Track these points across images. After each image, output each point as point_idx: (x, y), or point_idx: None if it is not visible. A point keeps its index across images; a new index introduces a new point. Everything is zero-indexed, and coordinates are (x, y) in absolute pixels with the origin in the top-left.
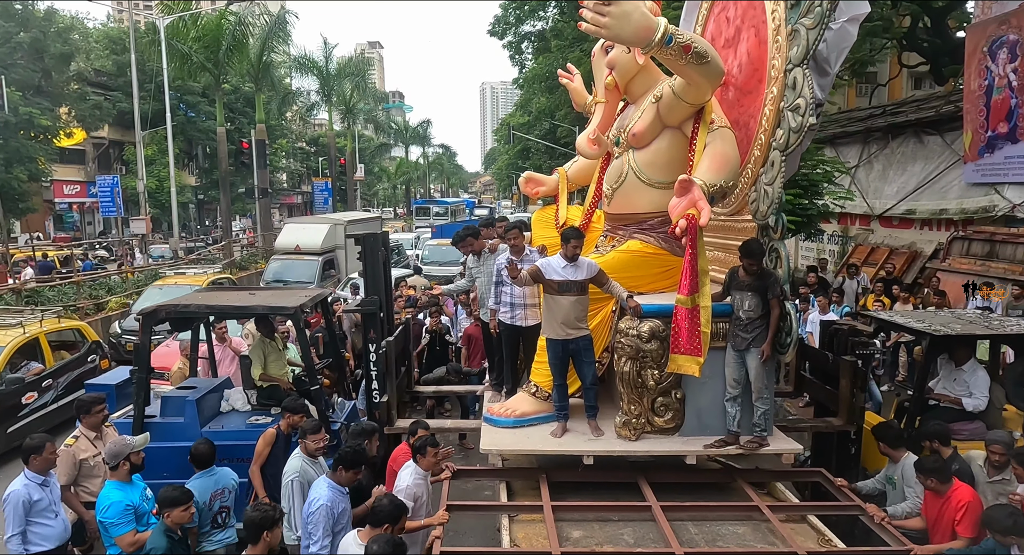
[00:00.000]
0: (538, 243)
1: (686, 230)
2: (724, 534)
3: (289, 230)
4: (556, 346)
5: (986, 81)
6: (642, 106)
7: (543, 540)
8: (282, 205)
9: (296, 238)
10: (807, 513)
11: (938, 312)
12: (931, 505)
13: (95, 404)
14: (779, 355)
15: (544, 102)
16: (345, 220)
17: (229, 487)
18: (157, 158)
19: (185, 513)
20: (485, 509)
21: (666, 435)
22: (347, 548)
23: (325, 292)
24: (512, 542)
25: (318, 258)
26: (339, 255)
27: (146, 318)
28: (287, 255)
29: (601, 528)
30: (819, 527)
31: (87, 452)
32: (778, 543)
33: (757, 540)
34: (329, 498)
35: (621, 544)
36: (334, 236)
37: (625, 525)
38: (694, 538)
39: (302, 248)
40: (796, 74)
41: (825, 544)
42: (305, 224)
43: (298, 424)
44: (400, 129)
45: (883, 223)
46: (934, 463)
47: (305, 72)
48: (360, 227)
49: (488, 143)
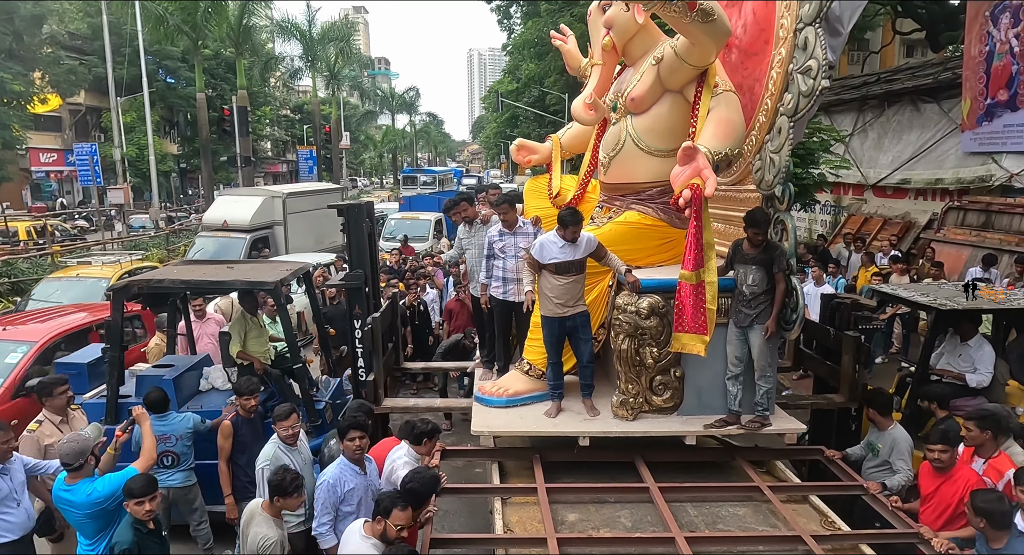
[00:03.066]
0: (531, 214)
1: (690, 201)
2: (724, 516)
3: (219, 203)
4: (552, 324)
5: (987, 47)
6: (641, 69)
7: (537, 524)
8: (267, 174)
9: (224, 213)
10: (809, 493)
11: (942, 285)
12: (929, 481)
13: (57, 386)
14: (784, 332)
15: (533, 68)
16: (284, 192)
17: (178, 434)
18: (137, 125)
19: (152, 504)
20: (477, 492)
21: (664, 415)
22: (351, 540)
23: (308, 264)
24: (505, 526)
25: (245, 236)
26: (276, 233)
27: (116, 294)
28: (214, 232)
29: (597, 511)
30: (822, 508)
31: (52, 437)
32: (780, 525)
33: (758, 522)
34: (333, 476)
35: (618, 528)
36: (270, 211)
37: (622, 507)
38: (693, 520)
39: (230, 224)
40: (807, 34)
41: (828, 526)
42: (237, 196)
43: (253, 407)
44: (386, 96)
45: (877, 193)
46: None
47: (288, 36)
48: (309, 200)
49: (476, 111)
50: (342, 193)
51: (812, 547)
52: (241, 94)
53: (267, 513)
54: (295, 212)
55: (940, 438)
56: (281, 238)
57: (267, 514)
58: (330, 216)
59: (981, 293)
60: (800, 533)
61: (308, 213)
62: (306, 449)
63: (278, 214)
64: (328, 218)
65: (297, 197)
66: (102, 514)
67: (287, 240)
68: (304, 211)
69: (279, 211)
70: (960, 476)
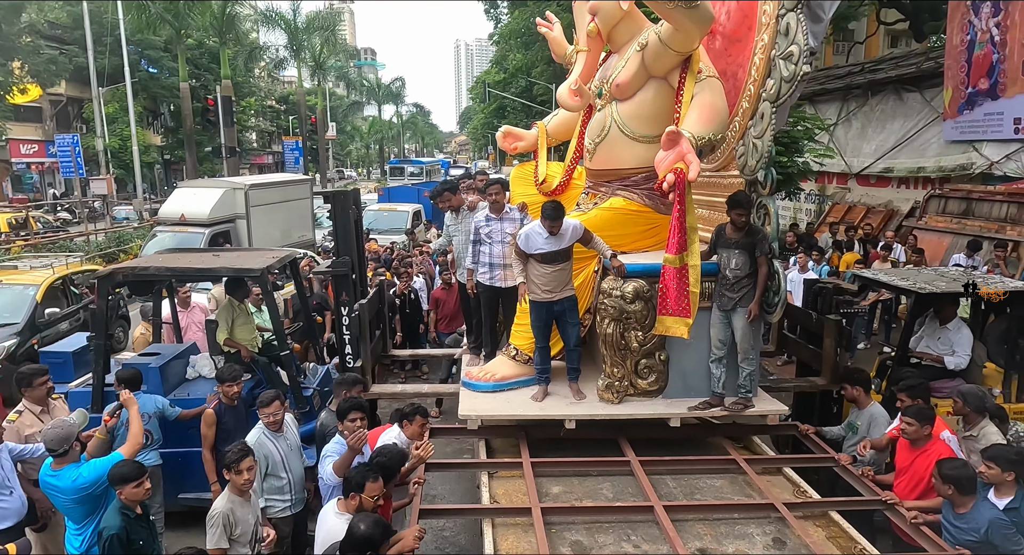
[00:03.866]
0: (517, 201)
1: (674, 185)
2: (702, 487)
3: (176, 196)
4: (540, 308)
5: (968, 36)
6: (626, 55)
7: (522, 496)
8: (253, 165)
9: (182, 205)
10: (783, 466)
11: (921, 270)
12: (905, 455)
13: (36, 376)
14: (767, 315)
15: (520, 59)
16: (247, 184)
17: (150, 412)
18: (119, 116)
19: (139, 489)
20: (464, 467)
21: (649, 397)
22: (326, 518)
23: (295, 252)
24: (492, 498)
25: (204, 231)
26: (239, 227)
27: (102, 281)
28: (171, 227)
29: (580, 483)
30: (794, 479)
31: (32, 427)
32: (755, 495)
33: (734, 492)
34: (337, 452)
35: (600, 499)
36: (231, 203)
37: (605, 480)
38: (672, 491)
39: (188, 217)
40: (789, 20)
41: (800, 495)
42: (196, 189)
43: (236, 394)
44: (372, 87)
45: (860, 181)
46: (927, 412)
47: (272, 26)
48: (274, 192)
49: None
50: (311, 185)
51: (784, 514)
52: (225, 84)
53: (228, 490)
54: (259, 205)
55: (915, 413)
56: (244, 232)
57: (228, 491)
58: (298, 209)
59: (981, 292)
60: (773, 501)
61: (274, 206)
62: (293, 435)
63: (240, 207)
64: (295, 211)
65: (261, 189)
66: (88, 499)
67: (250, 234)
68: (269, 204)
69: (241, 204)
70: (934, 450)
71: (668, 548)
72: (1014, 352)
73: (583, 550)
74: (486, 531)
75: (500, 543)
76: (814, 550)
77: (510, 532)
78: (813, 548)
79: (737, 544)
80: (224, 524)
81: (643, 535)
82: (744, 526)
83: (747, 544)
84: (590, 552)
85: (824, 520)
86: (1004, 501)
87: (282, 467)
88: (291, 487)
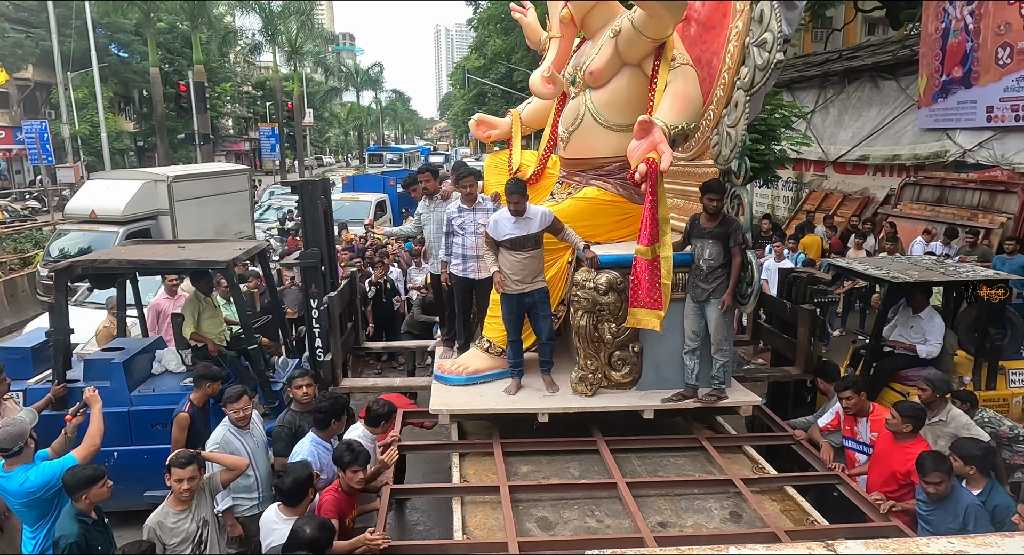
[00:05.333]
0: (491, 190)
1: (646, 175)
2: (665, 465)
3: (87, 189)
4: (511, 300)
5: (943, 24)
6: (599, 42)
7: (492, 475)
8: (229, 152)
9: (93, 200)
10: (743, 444)
11: (895, 259)
12: (886, 442)
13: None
14: (740, 306)
15: (500, 44)
16: (170, 176)
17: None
18: (89, 101)
19: (103, 489)
20: (436, 448)
21: (623, 389)
22: (268, 523)
23: (263, 243)
24: (462, 477)
25: (118, 229)
26: (162, 224)
27: (59, 275)
28: (80, 224)
29: (549, 463)
30: (753, 456)
31: None
32: (715, 471)
33: (696, 470)
34: (310, 453)
35: (567, 477)
36: (151, 198)
37: (572, 459)
38: (636, 469)
39: (99, 214)
40: (763, 7)
41: (758, 471)
42: (110, 181)
43: (212, 394)
44: (351, 72)
45: (837, 169)
46: (915, 409)
47: (247, 10)
48: (204, 184)
49: (443, 88)
50: (249, 175)
51: (741, 489)
52: (198, 69)
53: (167, 500)
54: (186, 199)
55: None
56: (168, 231)
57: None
58: (233, 202)
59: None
60: (731, 477)
61: (204, 200)
62: (260, 431)
63: (163, 202)
64: (230, 204)
65: (188, 181)
66: (37, 503)
67: (175, 233)
68: (198, 197)
69: (164, 198)
70: (918, 449)
71: (630, 522)
72: (984, 340)
73: (548, 525)
74: (455, 509)
75: (469, 520)
76: (768, 523)
77: (479, 509)
78: (767, 521)
79: (696, 518)
80: (152, 539)
81: (606, 511)
82: (703, 501)
83: (705, 518)
84: (555, 527)
85: (779, 494)
86: (974, 493)
87: (250, 465)
88: (258, 485)
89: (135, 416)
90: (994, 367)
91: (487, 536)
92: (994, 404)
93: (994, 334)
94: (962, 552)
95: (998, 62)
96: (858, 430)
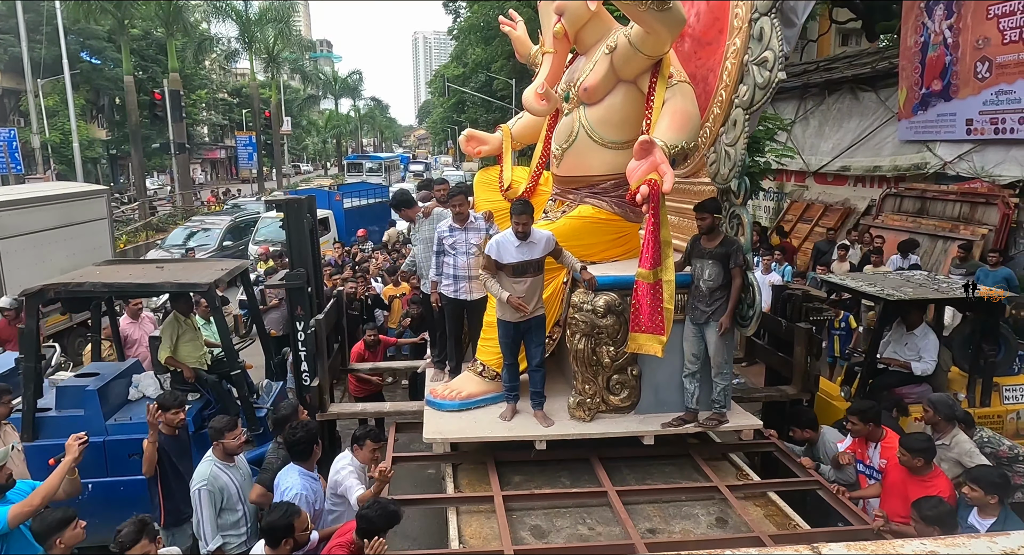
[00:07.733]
0: (482, 208)
1: (647, 197)
2: (653, 473)
3: None
4: (508, 326)
5: (922, 38)
6: (594, 57)
7: (486, 486)
8: (205, 160)
9: None
10: (728, 452)
11: (887, 275)
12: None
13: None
14: (741, 329)
15: (480, 53)
16: None
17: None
18: (60, 109)
19: (76, 532)
20: (428, 459)
21: (622, 414)
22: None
23: (244, 264)
24: (456, 488)
25: None
26: None
27: (30, 298)
28: None
29: (541, 472)
30: (738, 463)
31: None
32: (700, 479)
33: (683, 478)
34: (303, 486)
35: (559, 486)
36: None
37: (563, 468)
38: (625, 478)
39: None
40: (763, 24)
41: (742, 478)
42: None
43: (179, 423)
44: (329, 80)
45: (818, 179)
46: (923, 443)
47: (223, 17)
48: (43, 214)
49: (422, 96)
50: (107, 199)
51: (727, 495)
52: (173, 77)
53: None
54: (13, 235)
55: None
56: None
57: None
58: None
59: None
60: (717, 484)
61: (43, 235)
62: (244, 464)
63: None
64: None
65: (15, 211)
66: None
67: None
68: (32, 232)
69: None
70: (936, 484)
71: (621, 530)
72: (978, 357)
73: (542, 534)
74: (451, 518)
75: (464, 529)
76: (752, 527)
77: (473, 519)
78: (752, 526)
79: (684, 524)
80: None
81: (598, 518)
82: (690, 507)
83: (692, 524)
84: (548, 535)
85: (763, 500)
86: (988, 522)
87: (238, 500)
88: (246, 520)
89: (111, 446)
90: (988, 384)
91: (483, 545)
92: (988, 421)
93: (988, 350)
94: (933, 552)
95: (977, 76)
96: (869, 454)
